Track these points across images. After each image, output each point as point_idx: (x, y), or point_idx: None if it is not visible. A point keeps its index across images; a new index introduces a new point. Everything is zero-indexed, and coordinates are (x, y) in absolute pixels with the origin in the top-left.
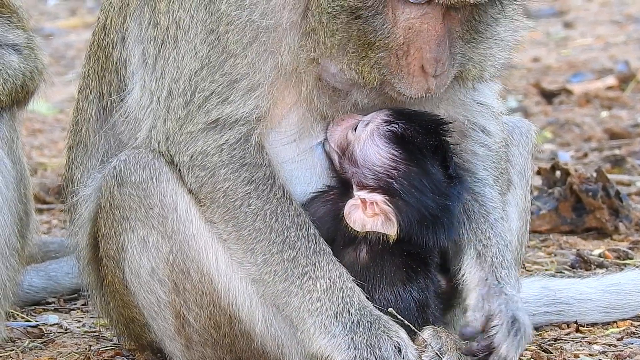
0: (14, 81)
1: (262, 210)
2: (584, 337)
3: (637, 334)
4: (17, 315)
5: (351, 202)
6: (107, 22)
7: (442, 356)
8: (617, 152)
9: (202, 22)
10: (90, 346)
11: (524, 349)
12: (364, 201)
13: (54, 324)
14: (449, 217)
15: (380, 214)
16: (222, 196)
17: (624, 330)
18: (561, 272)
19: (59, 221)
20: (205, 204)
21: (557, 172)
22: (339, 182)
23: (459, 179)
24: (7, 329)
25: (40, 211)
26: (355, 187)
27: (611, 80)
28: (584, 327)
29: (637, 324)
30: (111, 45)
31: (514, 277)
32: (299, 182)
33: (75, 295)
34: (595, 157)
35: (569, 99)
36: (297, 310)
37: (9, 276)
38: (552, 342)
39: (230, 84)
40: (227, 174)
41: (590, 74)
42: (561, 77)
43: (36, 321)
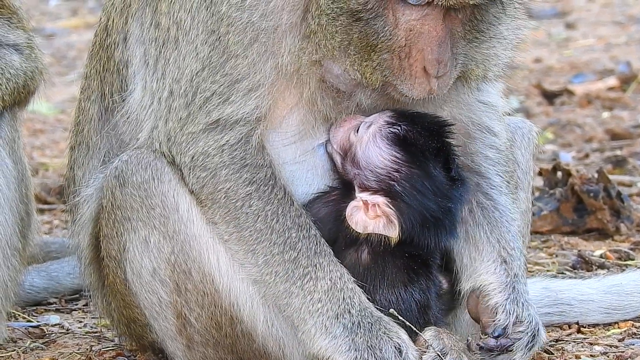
0: (15, 81)
1: (263, 211)
2: (585, 338)
3: (639, 334)
4: (19, 315)
5: (353, 204)
6: (109, 22)
7: (444, 357)
8: (618, 152)
9: (203, 23)
10: (91, 346)
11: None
12: (365, 203)
13: (55, 325)
14: (451, 219)
15: (382, 216)
16: (223, 197)
17: (625, 331)
18: (562, 272)
19: (60, 221)
20: (206, 205)
21: (559, 173)
22: (341, 184)
23: (461, 181)
24: (9, 330)
25: (41, 211)
26: (357, 189)
27: (613, 81)
28: (585, 328)
29: (638, 324)
30: (113, 45)
31: (527, 292)
32: (301, 183)
33: (76, 295)
34: (596, 157)
35: (571, 99)
36: (298, 311)
37: (10, 276)
38: (554, 343)
39: (231, 84)
40: (228, 175)
41: (591, 74)
42: (563, 77)
43: (37, 321)
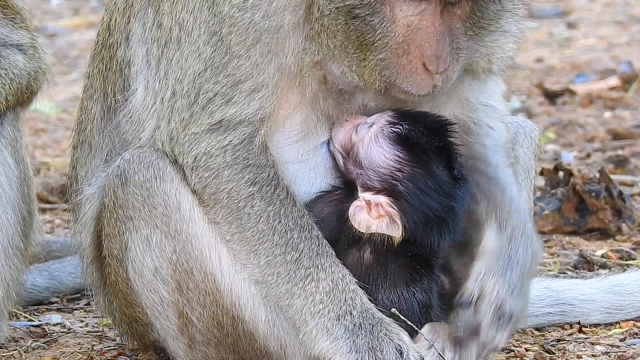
0: (19, 81)
1: (266, 211)
2: (586, 338)
3: None
4: (20, 315)
5: (356, 204)
6: (112, 22)
7: (443, 353)
8: (620, 152)
9: (205, 24)
10: (93, 346)
11: (509, 337)
12: (368, 203)
13: (56, 324)
14: (454, 218)
15: (385, 216)
16: (225, 197)
17: (626, 331)
18: (564, 272)
19: (62, 221)
20: (208, 205)
21: (560, 173)
22: (344, 183)
23: (463, 180)
24: (10, 329)
25: (43, 211)
26: (359, 189)
27: (614, 80)
28: (586, 327)
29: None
30: (115, 45)
31: (533, 245)
32: (303, 183)
33: (78, 294)
34: (598, 157)
35: (572, 99)
36: (300, 312)
37: (12, 276)
38: (555, 342)
39: (234, 85)
40: (230, 175)
41: (593, 74)
42: (564, 77)
43: (39, 321)
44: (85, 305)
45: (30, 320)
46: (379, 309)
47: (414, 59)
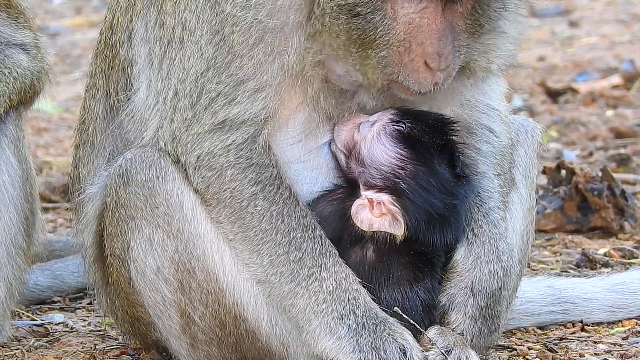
0: (22, 80)
1: (269, 211)
2: (589, 337)
3: None
4: (23, 314)
5: (358, 202)
6: (114, 21)
7: (448, 355)
8: (622, 151)
9: (207, 23)
10: (95, 345)
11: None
12: (371, 201)
13: (59, 323)
14: (456, 216)
15: (387, 214)
16: (228, 197)
17: (629, 329)
18: (566, 271)
19: (64, 220)
20: (211, 205)
21: (563, 171)
22: (346, 182)
23: (466, 178)
24: (13, 328)
25: (45, 210)
26: (362, 187)
27: (616, 79)
28: (589, 326)
29: None
30: (118, 44)
31: (502, 264)
32: (305, 182)
33: (80, 294)
34: (600, 156)
35: (575, 98)
36: (303, 311)
37: (14, 275)
38: (558, 341)
39: (236, 85)
40: (233, 175)
41: (595, 73)
42: (567, 76)
43: (41, 320)
44: (87, 304)
45: (32, 319)
46: (382, 308)
47: (416, 56)
